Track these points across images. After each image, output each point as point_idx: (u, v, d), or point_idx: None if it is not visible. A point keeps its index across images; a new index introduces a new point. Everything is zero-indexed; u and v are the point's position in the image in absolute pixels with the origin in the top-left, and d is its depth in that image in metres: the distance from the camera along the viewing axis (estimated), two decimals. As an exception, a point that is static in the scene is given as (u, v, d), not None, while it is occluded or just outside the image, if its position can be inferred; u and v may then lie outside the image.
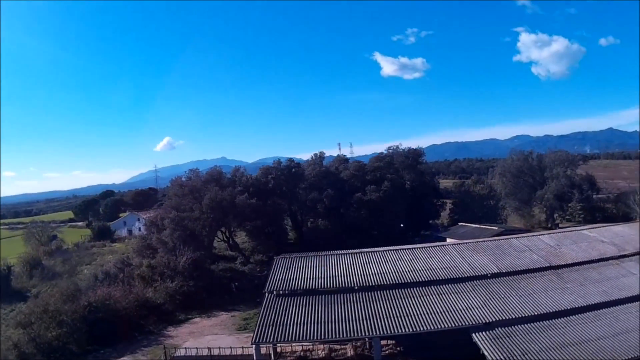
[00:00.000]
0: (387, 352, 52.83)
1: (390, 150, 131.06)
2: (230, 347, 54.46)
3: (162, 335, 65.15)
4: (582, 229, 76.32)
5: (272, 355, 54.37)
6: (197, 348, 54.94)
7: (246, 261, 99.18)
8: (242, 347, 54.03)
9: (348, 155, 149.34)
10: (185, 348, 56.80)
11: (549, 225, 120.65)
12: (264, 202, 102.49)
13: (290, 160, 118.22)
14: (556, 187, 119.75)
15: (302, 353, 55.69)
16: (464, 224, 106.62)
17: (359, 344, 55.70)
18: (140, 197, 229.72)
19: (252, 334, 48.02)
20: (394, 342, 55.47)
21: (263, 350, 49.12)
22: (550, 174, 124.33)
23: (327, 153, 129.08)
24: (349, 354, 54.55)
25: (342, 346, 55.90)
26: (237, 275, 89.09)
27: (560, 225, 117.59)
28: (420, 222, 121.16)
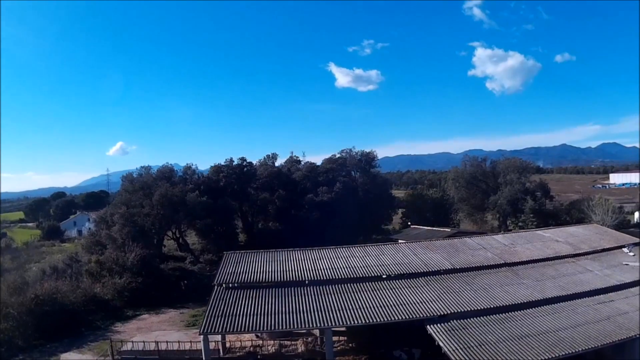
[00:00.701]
0: (338, 348, 51.02)
1: (344, 153, 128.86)
2: (178, 342, 52.64)
3: (110, 330, 63.14)
4: (536, 230, 76.14)
5: (221, 351, 52.06)
6: (144, 342, 52.98)
7: (196, 261, 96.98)
8: (191, 342, 52.32)
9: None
10: (132, 342, 54.66)
11: (502, 231, 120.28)
12: (214, 201, 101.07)
13: (242, 159, 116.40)
14: (510, 192, 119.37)
15: (251, 348, 53.60)
16: (416, 226, 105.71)
17: (309, 339, 53.72)
18: (92, 199, 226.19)
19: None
20: (345, 338, 54.12)
21: (212, 346, 46.74)
22: (504, 180, 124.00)
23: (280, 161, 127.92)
24: (299, 350, 52.40)
25: (293, 342, 53.80)
26: (186, 274, 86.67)
27: (513, 231, 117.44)
28: (372, 225, 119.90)
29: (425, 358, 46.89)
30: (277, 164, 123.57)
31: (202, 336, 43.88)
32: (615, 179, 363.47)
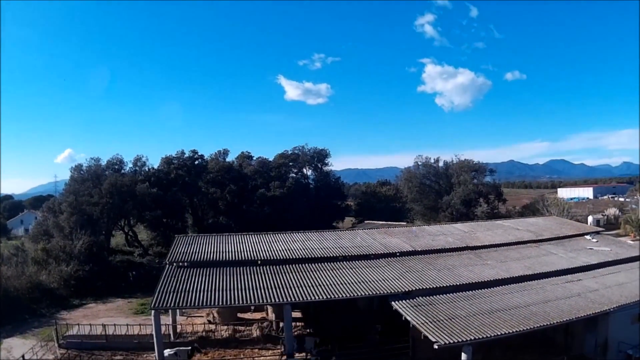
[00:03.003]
0: (295, 332, 48.37)
1: (296, 150, 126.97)
2: (127, 325, 50.80)
3: (55, 318, 59.69)
4: (495, 220, 75.32)
5: (172, 335, 49.50)
6: (90, 325, 50.67)
7: (145, 253, 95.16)
8: (140, 325, 50.18)
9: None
10: (78, 325, 52.08)
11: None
12: (164, 193, 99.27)
13: (194, 151, 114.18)
14: (463, 192, 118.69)
15: (203, 333, 51.24)
16: (371, 221, 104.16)
17: (265, 324, 51.76)
18: (39, 202, 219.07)
19: (150, 317, 42.51)
20: (302, 323, 52.49)
21: (162, 330, 43.25)
22: (457, 180, 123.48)
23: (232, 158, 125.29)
24: (254, 335, 50.13)
25: (247, 327, 51.71)
26: (134, 266, 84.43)
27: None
28: (324, 222, 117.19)
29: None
30: (228, 159, 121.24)
31: (152, 317, 40.54)
32: (564, 193, 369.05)
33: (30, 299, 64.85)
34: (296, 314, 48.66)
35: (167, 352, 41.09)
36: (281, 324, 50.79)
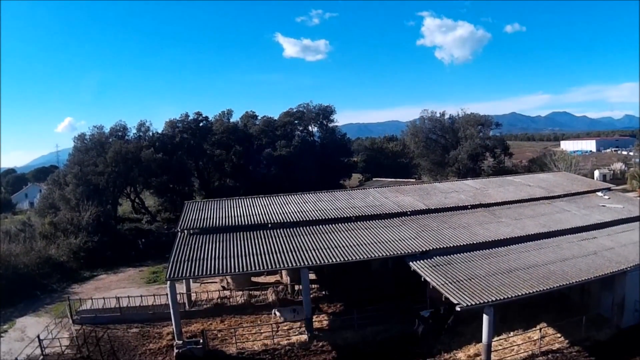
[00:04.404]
0: (311, 295, 48.41)
1: (301, 107, 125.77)
2: (141, 296, 50.84)
3: (66, 292, 59.96)
4: (506, 177, 75.17)
5: (187, 304, 49.92)
6: (104, 298, 50.54)
7: (153, 220, 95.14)
8: (154, 296, 50.62)
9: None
10: (92, 299, 51.83)
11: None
12: (170, 158, 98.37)
13: (198, 113, 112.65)
14: (470, 147, 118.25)
15: (218, 300, 51.51)
16: (379, 179, 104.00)
17: (280, 288, 52.12)
18: (42, 174, 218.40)
19: (164, 285, 42.73)
20: (317, 286, 52.54)
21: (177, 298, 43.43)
22: (464, 135, 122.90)
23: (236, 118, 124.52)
24: (269, 299, 50.41)
25: (262, 292, 52.07)
26: (143, 233, 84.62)
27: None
28: (332, 180, 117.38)
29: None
30: (232, 120, 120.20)
31: (167, 286, 40.28)
32: (566, 146, 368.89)
33: (41, 274, 64.74)
34: (311, 276, 48.73)
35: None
36: (296, 287, 51.45)
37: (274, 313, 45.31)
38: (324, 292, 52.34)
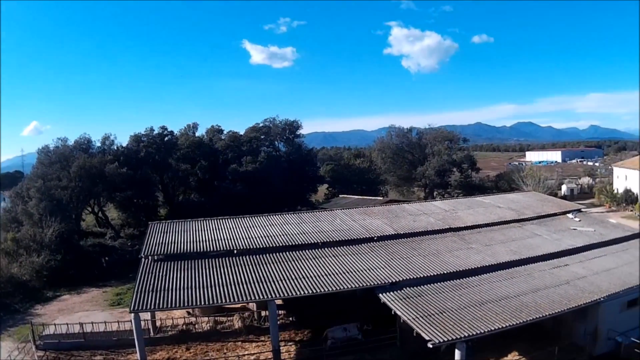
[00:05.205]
0: (279, 322, 47.91)
1: (267, 122, 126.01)
2: (105, 322, 49.68)
3: (29, 314, 59.56)
4: (475, 197, 75.64)
5: (152, 330, 49.22)
6: (67, 324, 49.29)
7: (116, 236, 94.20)
8: (118, 322, 49.61)
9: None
10: (55, 325, 50.52)
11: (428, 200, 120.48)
12: (134, 172, 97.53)
13: (163, 127, 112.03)
14: (437, 163, 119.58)
15: (184, 326, 50.81)
16: (345, 195, 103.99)
17: (246, 314, 51.39)
18: (6, 179, 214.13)
19: (127, 308, 41.99)
20: (283, 312, 51.81)
21: (142, 325, 42.61)
22: (432, 151, 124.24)
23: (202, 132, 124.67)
24: (236, 326, 49.87)
25: (228, 318, 51.35)
26: (107, 250, 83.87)
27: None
28: (298, 196, 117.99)
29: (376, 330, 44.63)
30: (198, 134, 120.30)
31: (131, 315, 39.54)
32: (532, 157, 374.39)
33: (3, 294, 63.75)
34: (277, 302, 48.18)
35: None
36: (263, 313, 50.75)
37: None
38: (291, 319, 51.83)
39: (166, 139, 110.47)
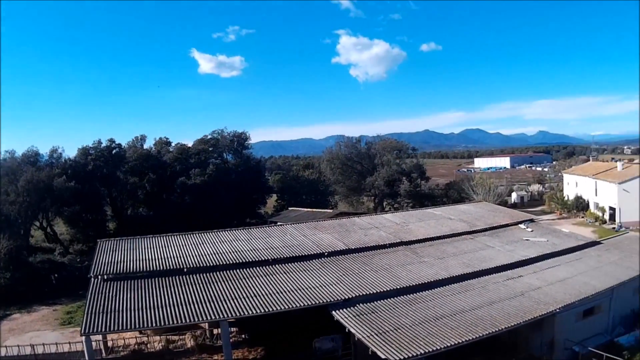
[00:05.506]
0: (231, 340, 47.26)
1: (215, 134, 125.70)
2: (56, 344, 49.06)
3: None
4: (426, 209, 75.90)
5: (103, 351, 48.03)
6: (18, 346, 48.93)
7: (65, 252, 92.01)
8: (69, 343, 48.65)
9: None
10: (6, 347, 49.82)
11: (378, 213, 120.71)
12: (83, 186, 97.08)
13: (111, 140, 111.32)
14: (387, 173, 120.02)
15: (136, 346, 49.74)
16: (294, 208, 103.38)
17: (198, 332, 50.40)
18: None
19: (78, 328, 40.85)
20: (236, 329, 51.29)
21: (93, 346, 41.51)
22: (381, 161, 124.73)
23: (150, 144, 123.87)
24: (188, 345, 49.01)
25: (180, 337, 50.26)
26: (56, 267, 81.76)
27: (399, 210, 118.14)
28: (247, 209, 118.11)
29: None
30: (146, 146, 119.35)
31: (83, 342, 38.24)
32: (480, 163, 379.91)
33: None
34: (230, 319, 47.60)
35: None
36: (215, 331, 49.91)
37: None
38: (244, 336, 51.24)
39: (114, 151, 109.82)
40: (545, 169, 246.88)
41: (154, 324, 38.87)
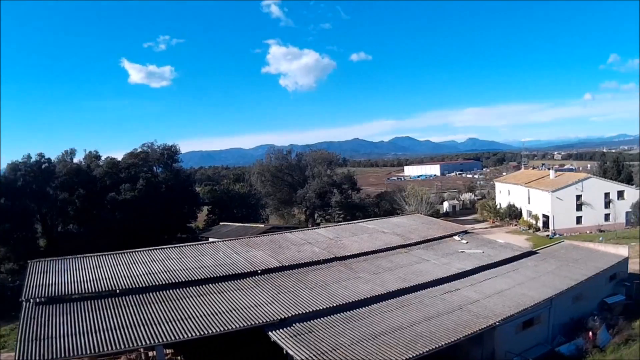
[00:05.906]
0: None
1: (145, 147, 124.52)
2: None
3: None
4: (359, 222, 76.08)
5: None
6: None
7: None
8: None
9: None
10: None
11: (310, 225, 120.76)
12: (12, 203, 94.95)
13: (40, 155, 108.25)
14: (318, 185, 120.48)
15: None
16: (225, 223, 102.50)
17: (133, 356, 49.10)
18: None
19: (12, 353, 39.39)
20: (171, 350, 50.32)
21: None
22: (312, 173, 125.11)
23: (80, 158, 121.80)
24: (123, 369, 47.52)
25: (115, 358, 48.52)
26: None
27: (321, 225, 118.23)
28: (177, 223, 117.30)
29: None
30: (76, 160, 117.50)
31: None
32: (410, 171, 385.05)
33: None
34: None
35: None
36: (150, 354, 48.71)
37: None
38: (179, 358, 50.44)
39: (44, 166, 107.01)
40: (476, 176, 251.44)
41: (89, 351, 37.46)
